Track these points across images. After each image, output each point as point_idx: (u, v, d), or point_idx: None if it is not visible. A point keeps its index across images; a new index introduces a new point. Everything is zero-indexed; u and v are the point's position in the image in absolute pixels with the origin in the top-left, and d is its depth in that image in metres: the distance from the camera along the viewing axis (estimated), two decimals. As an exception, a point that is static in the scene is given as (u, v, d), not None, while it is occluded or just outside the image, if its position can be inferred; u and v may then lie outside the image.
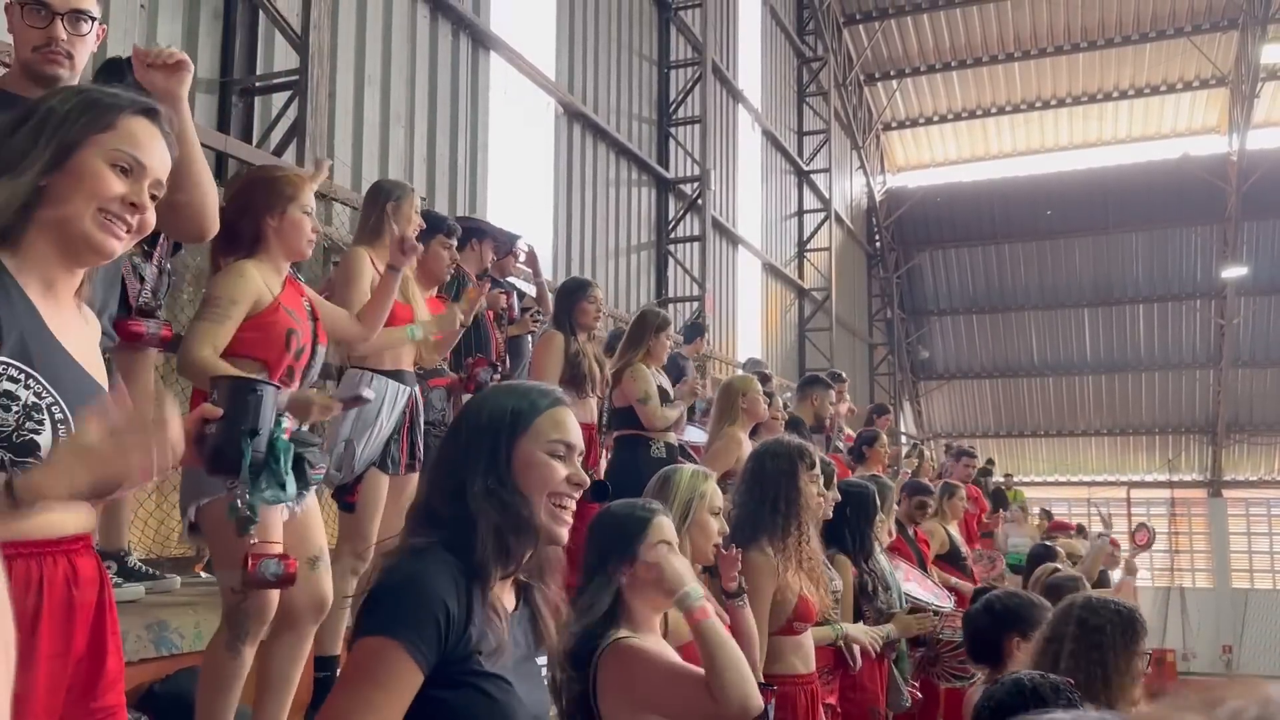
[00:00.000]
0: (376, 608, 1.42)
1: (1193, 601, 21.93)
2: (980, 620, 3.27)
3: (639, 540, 2.26)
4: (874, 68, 21.04)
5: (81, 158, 1.47)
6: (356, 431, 3.38)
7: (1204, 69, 19.77)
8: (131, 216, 1.50)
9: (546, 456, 1.54)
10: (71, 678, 1.42)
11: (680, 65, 12.50)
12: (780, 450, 3.45)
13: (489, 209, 8.54)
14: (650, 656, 2.15)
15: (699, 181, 12.19)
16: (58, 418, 1.39)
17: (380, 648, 1.38)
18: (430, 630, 1.38)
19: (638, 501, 2.43)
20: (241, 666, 2.56)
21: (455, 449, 1.57)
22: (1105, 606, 2.65)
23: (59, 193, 1.45)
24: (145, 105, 1.56)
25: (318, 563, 2.80)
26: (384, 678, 1.36)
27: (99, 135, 1.48)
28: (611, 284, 10.94)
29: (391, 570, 1.45)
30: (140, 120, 1.54)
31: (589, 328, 4.78)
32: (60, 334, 1.47)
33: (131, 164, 1.50)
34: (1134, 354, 22.50)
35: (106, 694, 1.47)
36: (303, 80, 6.02)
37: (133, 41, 5.49)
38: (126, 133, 1.51)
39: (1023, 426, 23.77)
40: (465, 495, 1.49)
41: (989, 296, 23.28)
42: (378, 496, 3.42)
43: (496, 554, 1.47)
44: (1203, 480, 22.68)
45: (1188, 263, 21.65)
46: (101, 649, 1.47)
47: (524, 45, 9.28)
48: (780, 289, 16.45)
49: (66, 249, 1.48)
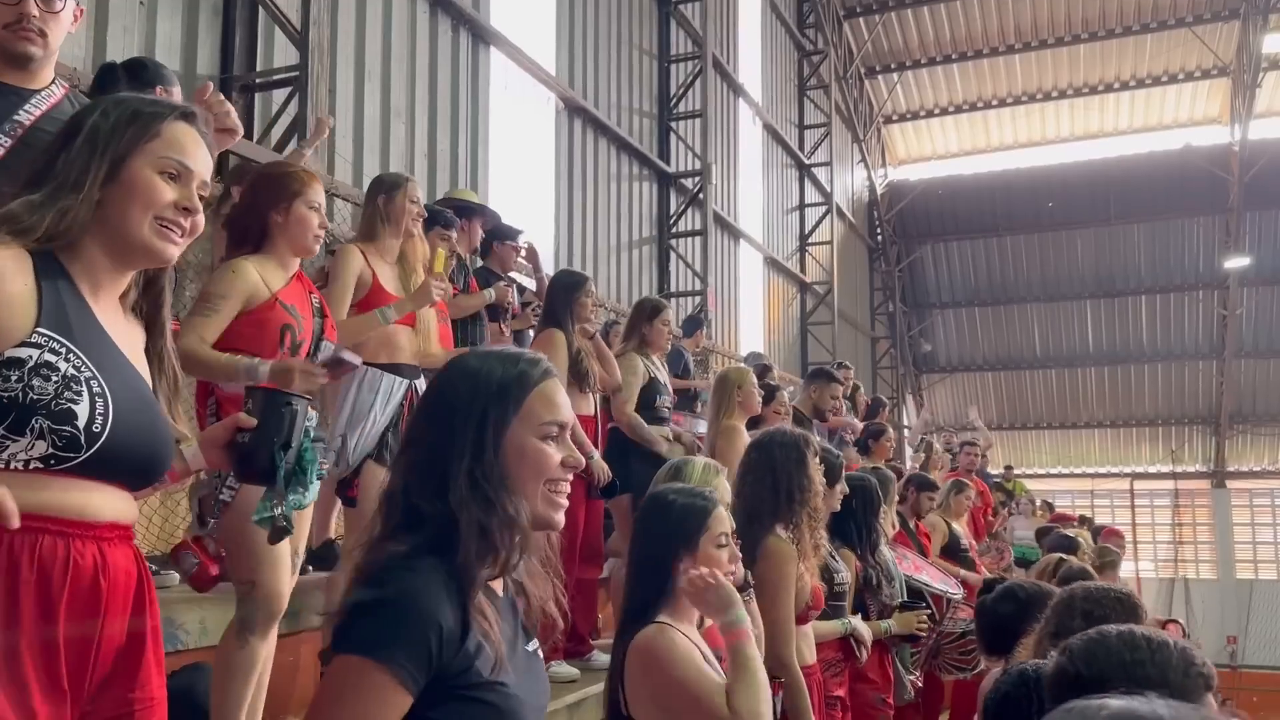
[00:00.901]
0: (357, 623, 1.27)
1: (1197, 593, 21.91)
2: (1002, 607, 3.23)
3: (700, 533, 2.29)
4: (874, 61, 21.00)
5: (133, 169, 1.52)
6: (350, 425, 3.37)
7: (1205, 59, 19.71)
8: (185, 220, 1.55)
9: (540, 443, 1.40)
10: (108, 666, 1.44)
11: (680, 59, 12.48)
12: (788, 439, 3.45)
13: (490, 204, 8.52)
14: (677, 654, 2.15)
15: (700, 176, 12.17)
16: (95, 391, 1.42)
17: (360, 669, 1.24)
18: (420, 650, 1.25)
19: (695, 489, 2.44)
20: (250, 657, 2.59)
21: (435, 432, 1.40)
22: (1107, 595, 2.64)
23: (115, 203, 1.50)
24: (185, 110, 1.62)
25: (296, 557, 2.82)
26: (364, 703, 1.24)
27: (147, 145, 1.53)
28: (613, 279, 10.94)
29: (373, 581, 1.30)
30: (182, 125, 1.59)
31: (586, 321, 4.75)
32: (107, 325, 1.52)
33: (179, 169, 1.55)
34: (1136, 345, 22.47)
35: (148, 684, 1.50)
36: (303, 76, 6.02)
37: (132, 39, 5.48)
38: (171, 139, 1.56)
39: (1025, 419, 23.75)
40: (447, 489, 1.35)
41: (991, 289, 23.25)
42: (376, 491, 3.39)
43: (484, 555, 1.34)
44: (1206, 471, 22.64)
45: (1190, 253, 21.61)
46: (141, 640, 1.49)
47: (524, 40, 9.26)
48: (782, 283, 16.44)
49: (121, 255, 1.54)
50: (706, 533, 2.30)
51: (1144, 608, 2.65)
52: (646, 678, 2.19)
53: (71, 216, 1.47)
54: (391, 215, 3.54)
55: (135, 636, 1.48)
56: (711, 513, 2.33)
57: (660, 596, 2.24)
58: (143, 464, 1.51)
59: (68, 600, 1.38)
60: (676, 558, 2.26)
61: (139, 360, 1.58)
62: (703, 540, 2.29)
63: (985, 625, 3.36)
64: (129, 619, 1.47)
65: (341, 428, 3.39)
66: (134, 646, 1.48)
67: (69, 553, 1.39)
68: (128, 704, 1.47)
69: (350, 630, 1.28)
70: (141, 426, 1.49)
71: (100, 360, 1.45)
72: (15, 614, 1.33)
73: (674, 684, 2.14)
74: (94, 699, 1.43)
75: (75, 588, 1.39)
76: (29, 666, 1.34)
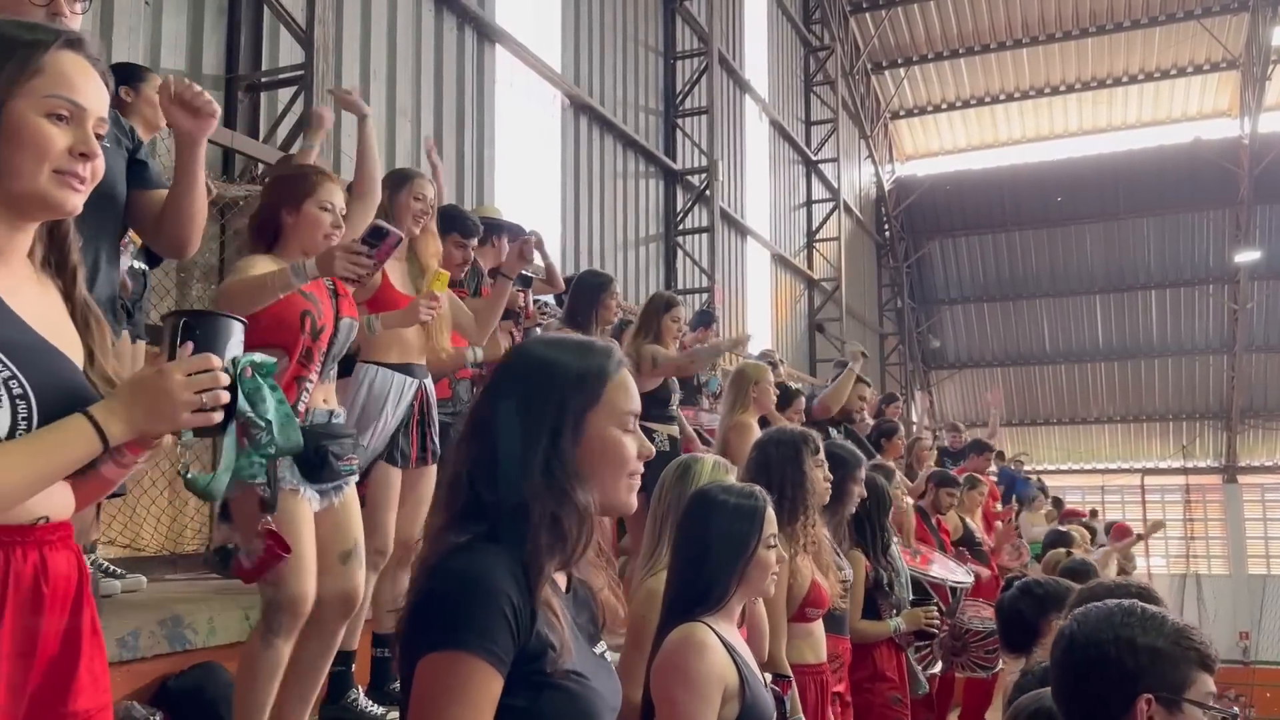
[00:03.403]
0: (438, 619, 1.27)
1: (1209, 588, 21.83)
2: (1021, 603, 3.25)
3: (756, 535, 2.31)
4: (881, 56, 20.94)
5: (14, 114, 1.31)
6: (360, 426, 3.34)
7: (1214, 52, 19.62)
8: (83, 167, 1.36)
9: (620, 434, 1.39)
10: (40, 679, 1.30)
11: (686, 56, 12.46)
12: (784, 438, 3.45)
13: (496, 203, 8.51)
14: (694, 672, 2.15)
15: (706, 173, 12.15)
16: (16, 393, 1.26)
17: (451, 664, 1.24)
18: (503, 633, 1.25)
19: (742, 488, 2.44)
20: (274, 659, 2.56)
21: (504, 421, 1.37)
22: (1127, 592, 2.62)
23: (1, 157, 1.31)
24: (70, 36, 1.38)
25: (350, 557, 2.79)
26: (469, 695, 1.23)
27: (28, 84, 1.31)
28: (621, 277, 10.92)
29: (438, 573, 1.30)
30: (67, 55, 1.36)
31: (610, 323, 4.73)
32: (13, 301, 1.33)
33: (70, 109, 1.34)
34: (1146, 340, 22.39)
35: (79, 698, 1.34)
36: (308, 75, 6.02)
37: (138, 39, 5.48)
38: (56, 74, 1.34)
39: (1035, 414, 23.69)
40: (518, 477, 1.33)
41: (999, 284, 23.19)
42: (388, 490, 3.38)
43: (554, 545, 1.33)
44: (1217, 466, 22.56)
45: (1200, 247, 21.51)
46: (75, 649, 1.34)
47: (529, 38, 9.25)
48: (789, 280, 16.41)
49: (17, 212, 1.35)
50: (761, 534, 2.32)
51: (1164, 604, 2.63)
52: (659, 676, 2.21)
53: None
54: (396, 213, 3.49)
55: (70, 644, 1.33)
56: (766, 515, 2.36)
57: (706, 595, 2.25)
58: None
59: (10, 615, 1.26)
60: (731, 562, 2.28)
61: (60, 324, 1.40)
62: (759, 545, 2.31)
63: (1004, 622, 3.37)
64: (65, 625, 1.33)
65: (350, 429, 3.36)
66: (68, 655, 1.34)
67: (9, 563, 1.26)
68: (59, 718, 1.32)
69: (428, 629, 1.27)
70: (60, 409, 1.31)
71: (13, 351, 1.27)
72: None
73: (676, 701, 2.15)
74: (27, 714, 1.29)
75: (17, 601, 1.27)
76: None
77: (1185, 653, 1.70)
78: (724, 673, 2.17)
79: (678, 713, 2.14)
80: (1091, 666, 1.75)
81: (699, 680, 2.15)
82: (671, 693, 2.16)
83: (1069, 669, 1.80)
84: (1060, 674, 1.83)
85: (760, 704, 2.21)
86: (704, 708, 2.13)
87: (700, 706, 2.13)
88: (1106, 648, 1.73)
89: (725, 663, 2.18)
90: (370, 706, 3.31)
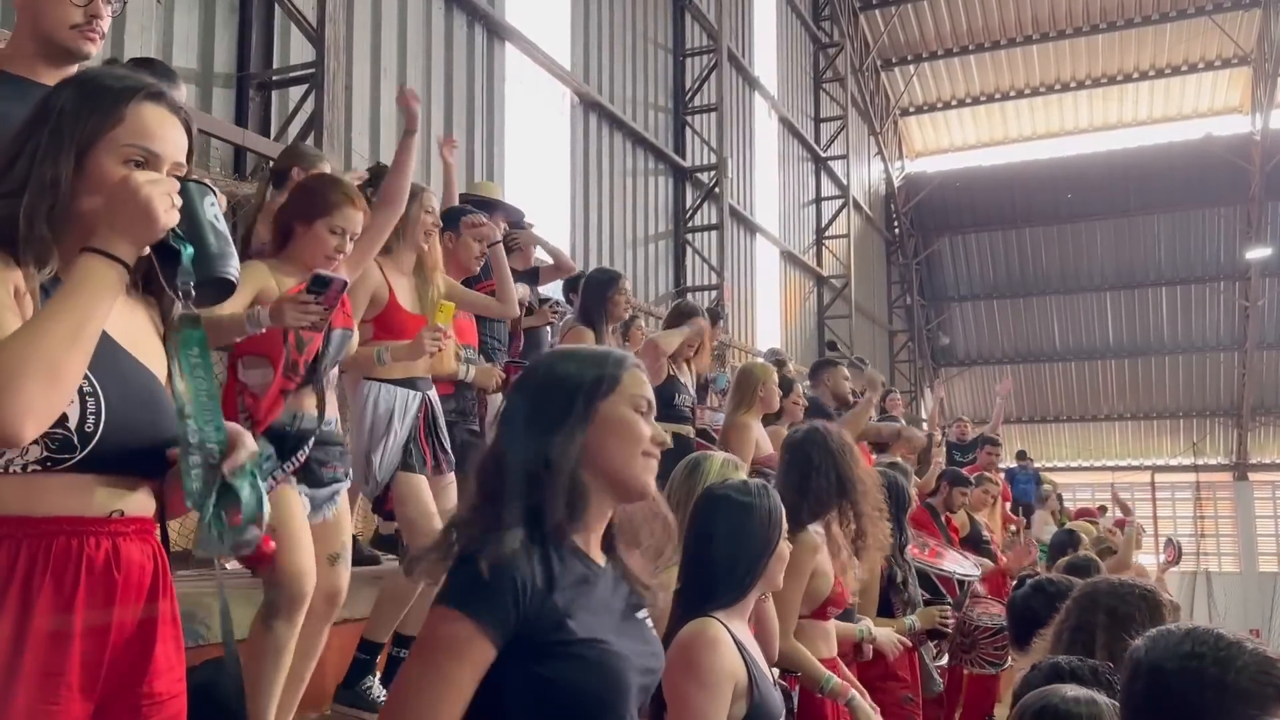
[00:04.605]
0: (449, 583, 1.42)
1: (1219, 586, 21.75)
2: (1033, 601, 3.26)
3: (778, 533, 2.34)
4: (891, 52, 20.90)
5: (96, 161, 1.42)
6: (372, 443, 3.34)
7: (1226, 48, 19.54)
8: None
9: (634, 413, 1.52)
10: (116, 659, 1.40)
11: (695, 53, 12.45)
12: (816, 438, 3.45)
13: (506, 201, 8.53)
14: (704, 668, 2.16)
15: (716, 170, 12.16)
16: (85, 390, 1.36)
17: (445, 616, 1.39)
18: (499, 601, 1.37)
19: (758, 485, 2.46)
20: (275, 643, 2.59)
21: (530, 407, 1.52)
22: (1130, 591, 2.62)
23: (82, 197, 1.41)
24: (152, 89, 1.49)
25: (338, 559, 2.88)
26: (450, 646, 1.37)
27: (110, 133, 1.42)
28: (630, 274, 10.92)
29: (465, 546, 1.45)
30: (148, 107, 1.46)
31: (620, 320, 4.75)
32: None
33: (145, 156, 1.44)
34: (1157, 337, 22.31)
35: (156, 680, 1.45)
36: (319, 73, 6.04)
37: (150, 37, 5.51)
38: (136, 124, 1.44)
39: (1045, 412, 23.62)
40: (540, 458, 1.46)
41: (1009, 281, 23.13)
42: (417, 494, 3.36)
43: (571, 514, 1.46)
44: (1228, 464, 22.48)
45: (1211, 245, 21.43)
46: (151, 635, 1.44)
47: (539, 35, 9.27)
48: (799, 277, 16.39)
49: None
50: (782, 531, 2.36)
51: (1168, 602, 2.63)
52: (671, 671, 2.20)
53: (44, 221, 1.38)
54: (405, 228, 3.44)
55: (146, 630, 1.44)
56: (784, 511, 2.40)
57: (722, 591, 2.27)
58: (148, 454, 1.46)
59: (82, 597, 1.36)
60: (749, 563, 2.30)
61: (144, 340, 1.50)
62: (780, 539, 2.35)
63: (1016, 619, 3.38)
64: (141, 612, 1.43)
65: (364, 446, 3.35)
66: (144, 640, 1.44)
67: (82, 549, 1.37)
68: (135, 699, 1.43)
69: (442, 590, 1.42)
70: (139, 418, 1.43)
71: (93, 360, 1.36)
72: (29, 617, 1.31)
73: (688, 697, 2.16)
74: (105, 695, 1.40)
75: (90, 583, 1.37)
76: (44, 665, 1.32)
77: (1265, 689, 1.52)
78: (735, 670, 2.18)
79: (689, 708, 2.15)
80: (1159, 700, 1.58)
81: (711, 676, 2.15)
82: (684, 688, 2.17)
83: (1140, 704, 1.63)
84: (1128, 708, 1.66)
85: (769, 703, 2.21)
86: (715, 704, 2.14)
87: (712, 703, 2.14)
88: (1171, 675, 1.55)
89: (735, 659, 2.19)
90: (383, 696, 3.34)
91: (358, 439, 3.38)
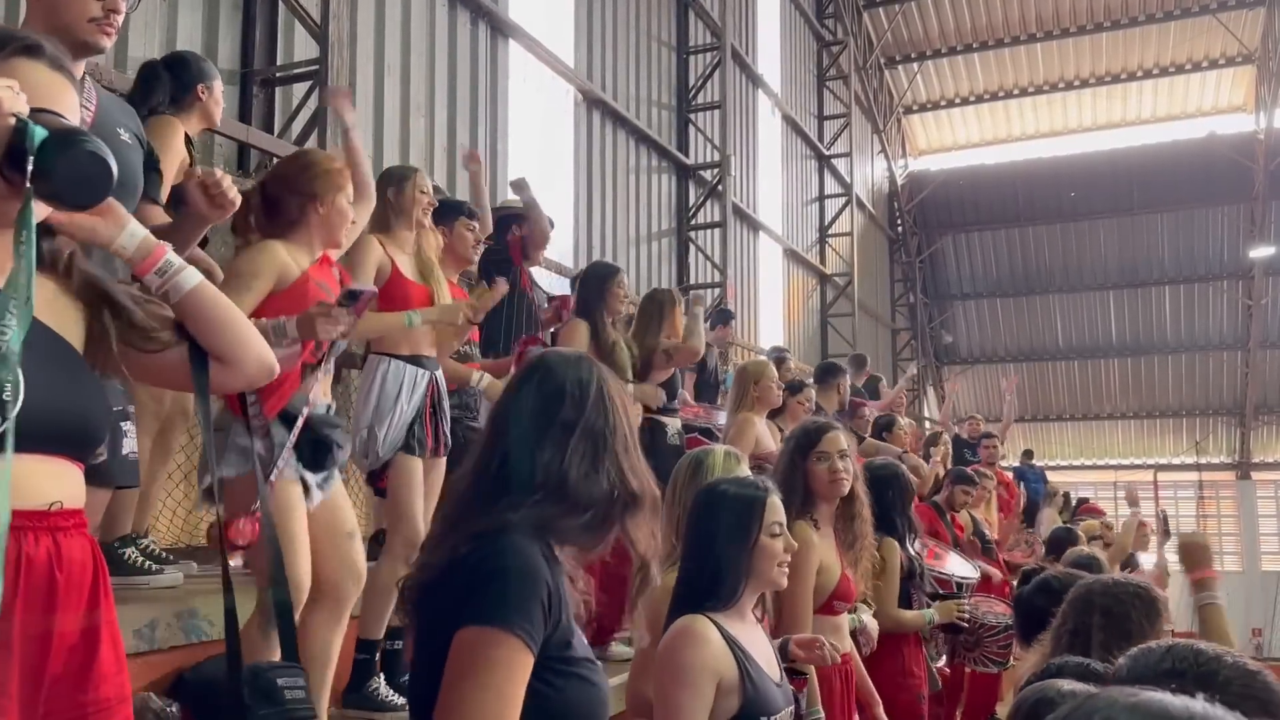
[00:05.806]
0: (482, 593, 1.34)
1: (1222, 585, 21.63)
2: (1038, 599, 3.25)
3: (757, 524, 2.31)
4: (894, 50, 20.87)
5: None
6: (377, 418, 3.39)
7: (1230, 46, 19.50)
8: None
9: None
10: (58, 665, 1.32)
11: (699, 51, 12.44)
12: None
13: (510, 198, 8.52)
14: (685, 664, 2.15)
15: (719, 168, 12.14)
16: None
17: (495, 639, 1.32)
18: (538, 616, 1.34)
19: (748, 480, 2.46)
20: (274, 649, 2.56)
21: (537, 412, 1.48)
22: (1126, 590, 2.61)
23: None
24: (28, 43, 1.36)
25: (353, 536, 2.90)
26: (508, 668, 1.31)
27: None
28: (633, 271, 10.91)
29: (486, 551, 1.37)
30: (23, 62, 1.34)
31: (618, 313, 4.74)
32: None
33: None
34: (1160, 336, 22.28)
35: (100, 686, 1.37)
36: (323, 70, 6.03)
37: (153, 34, 5.50)
38: (8, 75, 1.29)
39: (1048, 410, 23.60)
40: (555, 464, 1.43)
41: (1013, 280, 23.10)
42: (411, 479, 3.42)
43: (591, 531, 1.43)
44: (1231, 463, 22.46)
45: (1214, 243, 21.39)
46: (95, 638, 1.37)
47: (542, 33, 9.25)
48: (802, 275, 16.38)
49: None
50: (762, 524, 2.33)
51: (1164, 602, 2.62)
52: (656, 667, 2.26)
53: None
54: (402, 207, 3.54)
55: (88, 634, 1.36)
56: (766, 502, 2.36)
57: (714, 589, 2.26)
58: (75, 428, 1.37)
59: (22, 599, 1.27)
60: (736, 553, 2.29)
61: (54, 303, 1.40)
62: (761, 532, 2.32)
63: (1021, 616, 3.38)
64: (83, 614, 1.35)
65: (368, 420, 3.41)
66: (87, 645, 1.36)
67: (20, 549, 1.27)
68: (80, 707, 1.34)
69: (470, 601, 1.34)
70: (59, 386, 1.33)
71: None
72: None
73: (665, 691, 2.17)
74: (46, 702, 1.31)
75: (30, 584, 1.28)
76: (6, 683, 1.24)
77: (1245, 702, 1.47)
78: (719, 665, 2.17)
79: (666, 702, 2.17)
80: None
81: (687, 671, 2.16)
82: (663, 683, 2.19)
83: None
84: None
85: (764, 698, 2.20)
86: (692, 698, 2.14)
87: (687, 697, 2.14)
88: None
89: (721, 655, 2.18)
90: (391, 696, 3.35)
91: (362, 411, 3.43)
